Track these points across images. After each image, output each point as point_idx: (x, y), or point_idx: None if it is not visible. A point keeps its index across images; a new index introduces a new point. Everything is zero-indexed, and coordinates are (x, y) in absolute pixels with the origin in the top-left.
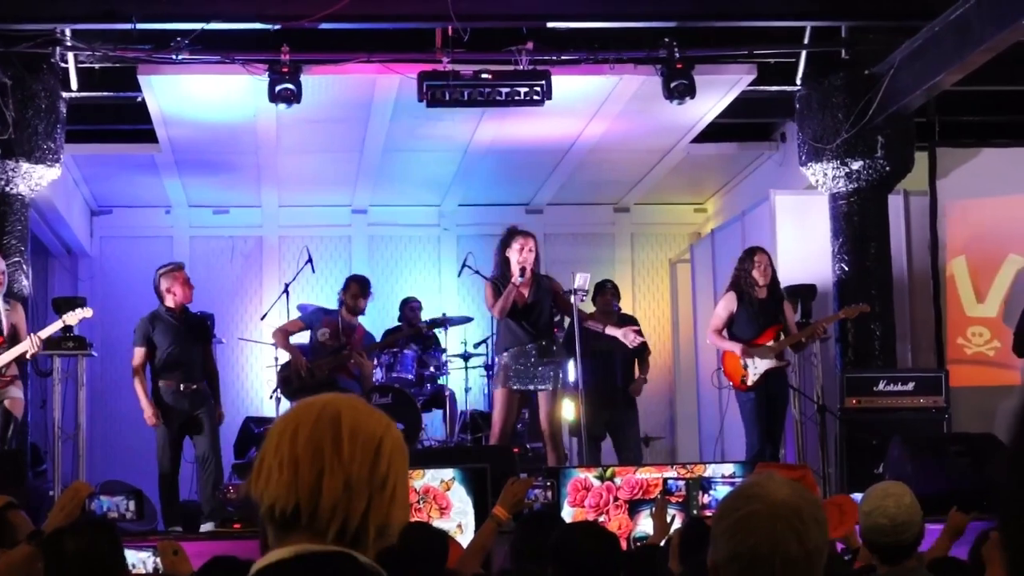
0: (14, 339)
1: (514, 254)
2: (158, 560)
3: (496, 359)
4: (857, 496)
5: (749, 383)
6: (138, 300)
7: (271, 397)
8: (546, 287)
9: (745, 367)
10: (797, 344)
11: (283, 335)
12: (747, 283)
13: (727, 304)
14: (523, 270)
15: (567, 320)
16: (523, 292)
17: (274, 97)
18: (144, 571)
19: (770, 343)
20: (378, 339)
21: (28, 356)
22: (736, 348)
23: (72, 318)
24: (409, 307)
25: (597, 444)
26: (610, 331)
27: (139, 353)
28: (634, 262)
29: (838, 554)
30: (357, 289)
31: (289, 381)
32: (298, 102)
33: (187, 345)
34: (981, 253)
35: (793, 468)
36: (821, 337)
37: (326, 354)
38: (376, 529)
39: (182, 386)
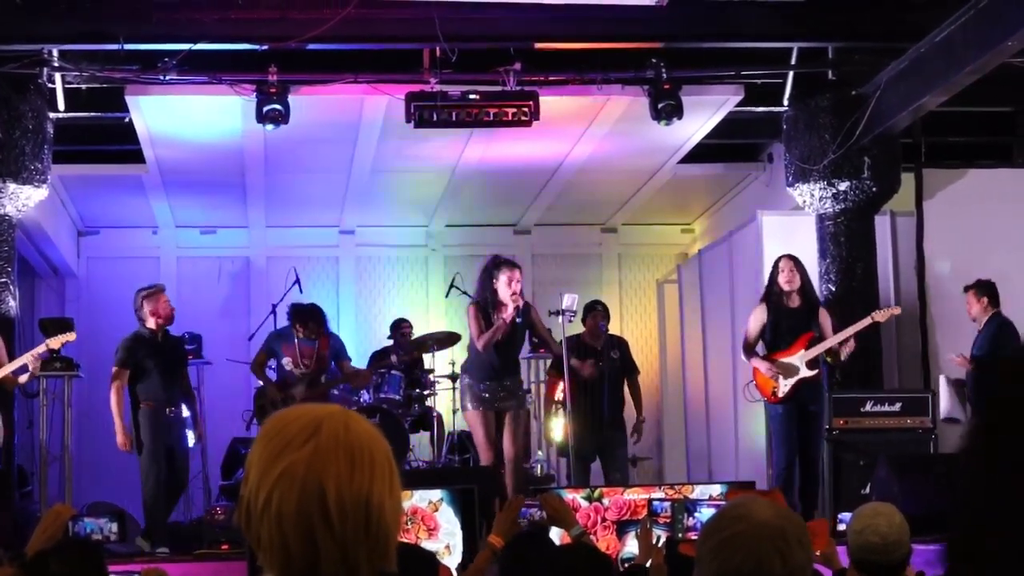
0: None
1: (502, 287)
2: None
3: (461, 379)
4: (846, 515)
5: (780, 395)
6: (125, 321)
7: (247, 428)
8: (526, 320)
9: (776, 379)
10: (831, 354)
11: (258, 368)
12: (775, 292)
13: (757, 316)
14: (518, 309)
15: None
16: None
17: (262, 118)
18: None
19: (798, 355)
20: (367, 358)
21: (31, 369)
22: (763, 366)
23: (55, 343)
24: (400, 331)
25: (586, 465)
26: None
27: (122, 374)
28: (621, 282)
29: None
30: (316, 328)
31: (265, 410)
32: (286, 122)
33: (169, 368)
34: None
35: (764, 493)
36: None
37: (295, 381)
38: (376, 568)
39: (168, 410)
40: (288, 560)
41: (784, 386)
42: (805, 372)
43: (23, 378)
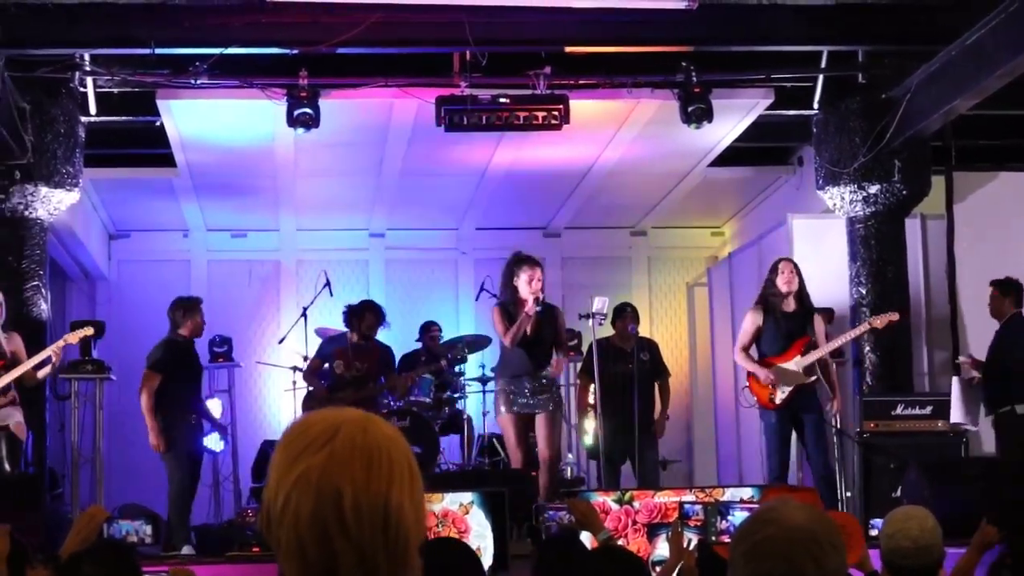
0: (14, 365)
1: (523, 285)
2: None
3: (495, 383)
4: (877, 521)
5: (777, 401)
6: (156, 324)
7: None
8: (549, 317)
9: (772, 386)
10: (823, 361)
11: (311, 375)
12: (772, 295)
13: (753, 319)
14: (537, 300)
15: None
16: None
17: (292, 121)
18: None
19: (794, 360)
20: (396, 361)
21: (53, 362)
22: (761, 373)
23: (73, 337)
24: (429, 335)
25: (616, 468)
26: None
27: (154, 377)
28: (651, 286)
29: None
30: (373, 320)
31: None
32: (316, 126)
33: (194, 375)
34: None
35: (801, 491)
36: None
37: (345, 385)
38: (395, 572)
39: (192, 418)
40: (306, 565)
41: (782, 392)
42: (804, 379)
43: (42, 372)
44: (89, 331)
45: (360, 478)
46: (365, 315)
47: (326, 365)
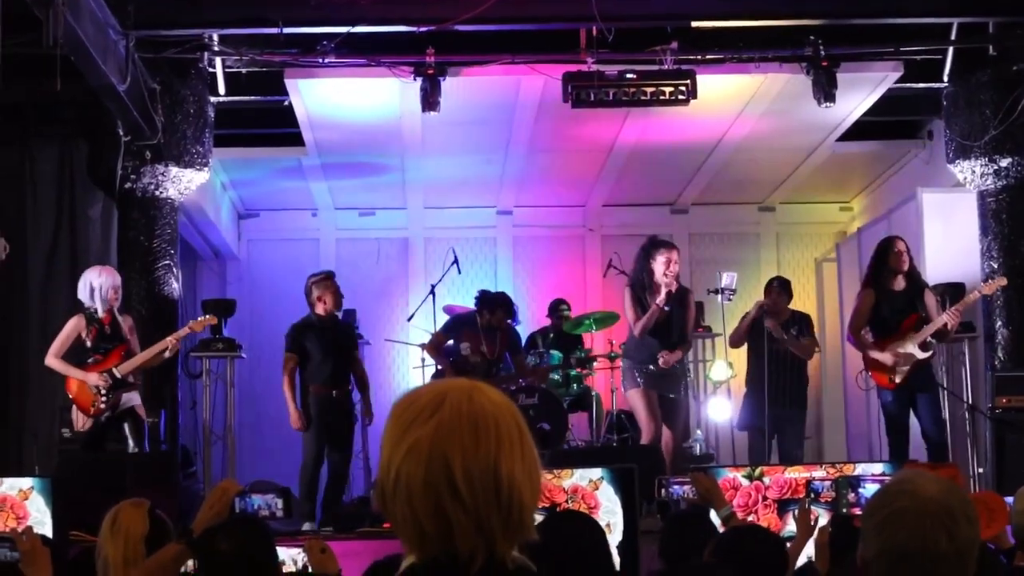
0: (131, 350)
1: (659, 267)
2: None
3: (622, 361)
4: (1010, 498)
5: (897, 380)
6: (285, 302)
7: None
8: (682, 304)
9: (895, 365)
10: (941, 333)
11: (434, 350)
12: (883, 274)
13: (865, 301)
14: (668, 294)
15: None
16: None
17: (422, 99)
18: (294, 568)
19: (908, 337)
20: (523, 338)
21: (167, 354)
22: (887, 359)
23: (197, 326)
24: (559, 313)
25: (764, 438)
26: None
27: (291, 358)
28: (779, 262)
29: (993, 551)
30: (503, 317)
31: None
32: (443, 103)
33: (337, 352)
34: None
35: (942, 467)
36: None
37: (469, 369)
38: (515, 538)
39: (334, 393)
40: (422, 536)
41: (901, 371)
42: (920, 355)
43: (165, 352)
44: (212, 320)
45: (468, 445)
46: (497, 311)
47: (450, 342)
